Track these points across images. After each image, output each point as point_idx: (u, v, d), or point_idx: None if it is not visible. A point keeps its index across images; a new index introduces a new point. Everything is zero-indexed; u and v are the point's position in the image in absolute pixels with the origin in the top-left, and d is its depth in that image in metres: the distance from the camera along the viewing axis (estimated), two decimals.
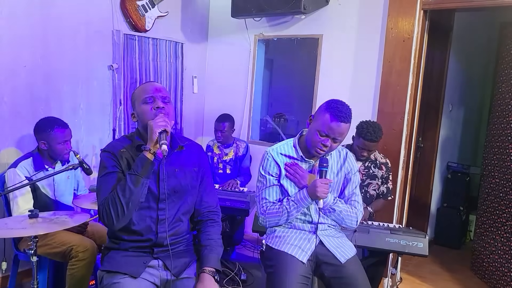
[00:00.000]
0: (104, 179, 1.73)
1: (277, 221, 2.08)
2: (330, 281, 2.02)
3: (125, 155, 1.76)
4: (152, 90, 1.78)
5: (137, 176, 1.66)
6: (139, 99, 1.78)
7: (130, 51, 3.58)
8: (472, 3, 2.99)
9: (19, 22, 2.86)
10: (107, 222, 1.69)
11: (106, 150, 1.78)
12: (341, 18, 3.55)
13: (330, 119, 1.93)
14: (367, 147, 2.76)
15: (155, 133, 1.65)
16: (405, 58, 3.19)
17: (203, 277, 1.71)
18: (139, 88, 1.84)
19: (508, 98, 3.37)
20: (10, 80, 2.86)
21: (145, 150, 1.69)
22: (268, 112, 4.19)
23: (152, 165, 1.70)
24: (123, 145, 1.79)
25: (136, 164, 1.68)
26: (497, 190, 3.43)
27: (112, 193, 1.67)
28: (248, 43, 4.09)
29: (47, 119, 2.57)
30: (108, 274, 1.74)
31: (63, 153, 2.56)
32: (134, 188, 1.65)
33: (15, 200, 2.41)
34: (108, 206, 1.66)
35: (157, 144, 1.67)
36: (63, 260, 2.41)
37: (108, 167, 1.74)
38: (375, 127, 2.74)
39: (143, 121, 1.76)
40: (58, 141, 2.51)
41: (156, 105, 1.74)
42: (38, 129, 2.53)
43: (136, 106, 1.80)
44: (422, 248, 2.44)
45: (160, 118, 1.70)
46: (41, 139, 2.51)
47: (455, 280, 3.64)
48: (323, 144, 1.97)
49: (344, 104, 1.99)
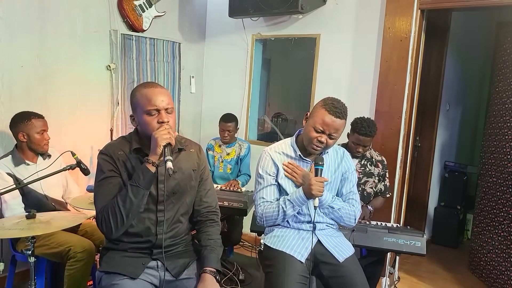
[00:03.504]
0: (101, 184, 1.72)
1: (274, 220, 2.08)
2: (328, 281, 2.02)
3: (123, 158, 1.74)
4: (157, 100, 1.68)
5: (139, 188, 1.65)
6: (142, 108, 1.70)
7: (127, 51, 3.57)
8: (469, 3, 3.00)
9: (16, 22, 2.85)
10: (106, 231, 1.69)
11: (104, 153, 1.76)
12: (338, 18, 3.55)
13: (325, 115, 1.94)
14: (362, 142, 2.77)
15: (159, 146, 1.64)
16: (402, 57, 3.20)
17: (205, 277, 1.71)
18: (142, 93, 1.72)
19: (505, 97, 3.38)
20: (7, 81, 2.85)
21: (147, 162, 1.67)
22: (265, 111, 4.19)
23: (154, 177, 1.69)
24: (121, 148, 1.77)
25: (138, 176, 1.66)
26: (494, 189, 3.44)
27: (112, 202, 1.66)
28: (245, 43, 4.09)
29: (23, 112, 2.60)
30: (106, 275, 1.73)
31: (42, 143, 2.58)
32: (134, 200, 1.65)
33: (1, 198, 2.42)
34: (107, 215, 1.66)
35: (161, 158, 1.65)
36: (61, 261, 2.41)
37: (105, 171, 1.72)
38: (369, 122, 2.78)
39: (145, 131, 1.72)
40: (36, 130, 2.55)
41: (160, 119, 1.69)
42: (15, 121, 2.56)
43: (138, 113, 1.73)
44: (420, 247, 2.44)
45: (165, 130, 1.66)
46: (19, 131, 2.54)
47: (452, 279, 3.66)
48: (319, 141, 1.97)
49: (339, 101, 2.00)
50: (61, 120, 3.17)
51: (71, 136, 3.25)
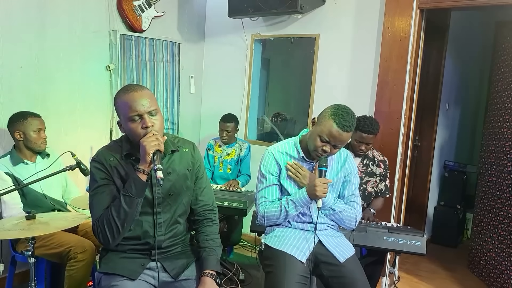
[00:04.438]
0: (95, 194, 1.71)
1: (275, 220, 2.08)
2: (329, 281, 2.02)
3: (114, 164, 1.72)
4: (138, 105, 1.62)
5: (131, 197, 1.64)
6: (124, 115, 1.65)
7: (127, 51, 3.57)
8: (468, 2, 3.00)
9: (15, 22, 2.85)
10: (103, 241, 1.69)
11: (95, 160, 1.74)
12: (337, 18, 3.55)
13: (333, 127, 1.92)
14: (365, 140, 2.78)
15: (148, 154, 1.61)
16: (401, 57, 3.20)
17: (205, 281, 1.70)
18: (123, 99, 1.66)
19: (504, 96, 3.38)
20: (6, 81, 2.85)
21: (138, 171, 1.64)
22: (265, 111, 4.19)
23: (146, 186, 1.67)
24: (112, 153, 1.74)
25: (129, 185, 1.64)
26: (493, 188, 3.45)
27: (107, 213, 1.65)
28: (245, 43, 4.09)
29: (20, 112, 2.61)
30: (106, 276, 1.73)
31: (38, 141, 2.59)
32: (129, 210, 1.64)
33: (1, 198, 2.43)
34: (103, 226, 1.65)
35: (151, 165, 1.63)
36: (61, 261, 2.40)
37: (98, 180, 1.71)
38: (372, 120, 2.79)
39: (132, 138, 1.70)
40: (32, 129, 2.56)
41: (144, 125, 1.63)
42: (12, 121, 2.58)
43: (122, 121, 1.69)
44: (420, 246, 2.44)
45: (153, 137, 1.62)
46: (15, 129, 2.55)
47: (452, 278, 3.66)
48: (323, 150, 1.97)
49: (349, 111, 1.96)
50: (61, 121, 3.16)
51: (71, 137, 3.25)
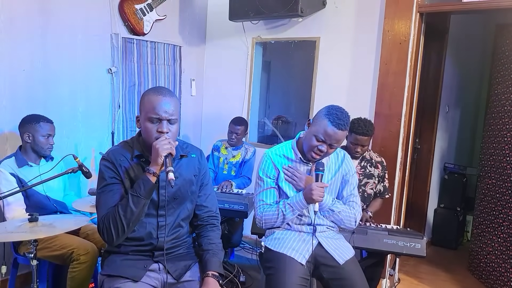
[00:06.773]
0: (102, 192, 1.73)
1: (272, 223, 2.10)
2: (329, 283, 2.04)
3: (124, 164, 1.75)
4: (161, 110, 1.67)
5: (139, 197, 1.66)
6: (146, 113, 1.70)
7: (128, 54, 3.59)
8: (467, 6, 3.02)
9: (17, 26, 2.87)
10: (107, 239, 1.70)
11: (105, 158, 1.76)
12: (338, 21, 3.57)
13: (328, 126, 1.95)
14: (360, 142, 2.80)
15: (160, 156, 1.64)
16: (401, 60, 3.22)
17: (208, 281, 1.72)
18: (149, 98, 1.71)
19: (504, 99, 3.39)
20: (9, 84, 2.87)
21: (148, 173, 1.67)
22: (265, 114, 4.21)
23: (154, 187, 1.70)
24: (123, 153, 1.77)
25: (138, 186, 1.67)
26: (493, 190, 3.46)
27: (113, 211, 1.67)
28: (245, 46, 4.11)
29: (34, 115, 2.64)
30: (109, 278, 1.74)
31: (45, 146, 2.61)
32: (135, 210, 1.66)
33: (4, 199, 2.43)
34: (108, 223, 1.67)
35: (162, 167, 1.66)
36: (63, 263, 2.42)
37: (107, 178, 1.73)
38: (366, 122, 2.81)
39: (146, 136, 1.74)
40: (42, 134, 2.58)
41: (160, 129, 1.68)
42: (24, 122, 2.60)
43: (142, 117, 1.73)
44: (420, 249, 2.45)
45: (166, 140, 1.66)
46: (25, 131, 2.57)
47: (452, 280, 3.66)
48: (319, 149, 1.99)
49: (343, 111, 2.00)
50: (63, 123, 3.17)
51: (73, 139, 3.27)
